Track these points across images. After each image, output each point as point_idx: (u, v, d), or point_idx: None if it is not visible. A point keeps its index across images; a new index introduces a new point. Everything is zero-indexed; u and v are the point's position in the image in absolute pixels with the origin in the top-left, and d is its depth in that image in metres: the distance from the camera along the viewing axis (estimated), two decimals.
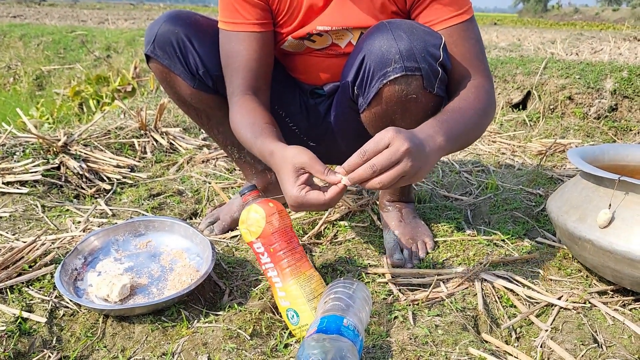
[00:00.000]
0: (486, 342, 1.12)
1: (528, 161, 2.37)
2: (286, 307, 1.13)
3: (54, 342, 1.10)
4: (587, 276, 1.35)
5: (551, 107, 2.95)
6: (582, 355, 1.06)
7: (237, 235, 1.60)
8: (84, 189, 1.84)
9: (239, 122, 1.27)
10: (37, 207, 1.67)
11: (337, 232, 1.60)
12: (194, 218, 1.76)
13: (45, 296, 1.19)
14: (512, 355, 1.07)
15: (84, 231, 1.50)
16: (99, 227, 1.55)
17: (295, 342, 1.13)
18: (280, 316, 1.21)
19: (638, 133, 2.69)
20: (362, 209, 1.72)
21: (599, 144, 2.58)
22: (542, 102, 2.98)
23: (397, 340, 1.07)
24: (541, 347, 1.10)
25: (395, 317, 1.15)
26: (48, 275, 1.26)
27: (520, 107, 3.12)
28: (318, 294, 1.14)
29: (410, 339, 1.07)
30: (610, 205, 1.20)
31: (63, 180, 1.84)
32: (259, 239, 1.12)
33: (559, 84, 2.95)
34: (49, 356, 1.06)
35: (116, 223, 1.55)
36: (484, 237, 1.54)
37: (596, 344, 1.09)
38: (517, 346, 1.14)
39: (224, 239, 1.58)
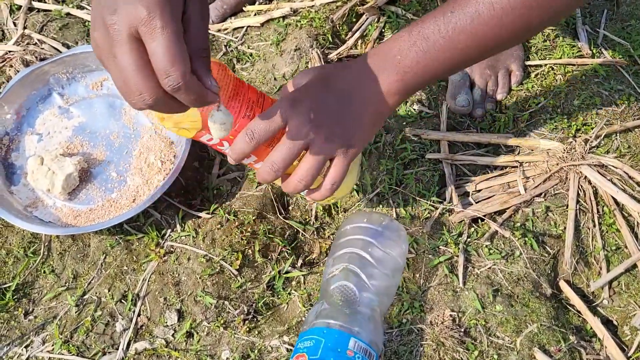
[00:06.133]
0: (565, 320, 0.79)
1: None
2: None
3: None
4: None
5: None
6: None
7: (241, 27, 1.13)
8: None
9: None
10: None
11: (383, 30, 1.10)
12: None
13: None
14: (593, 351, 0.76)
15: (21, 39, 1.07)
16: (39, 32, 1.09)
17: (298, 267, 0.84)
18: (285, 218, 0.88)
19: None
20: None
21: None
22: None
23: (432, 323, 0.75)
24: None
25: (439, 264, 0.81)
26: None
27: None
28: None
29: (453, 320, 0.75)
30: None
31: None
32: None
33: None
34: None
35: (54, 56, 1.10)
36: (600, 60, 1.01)
37: None
38: (609, 309, 0.81)
39: (223, 31, 1.12)
